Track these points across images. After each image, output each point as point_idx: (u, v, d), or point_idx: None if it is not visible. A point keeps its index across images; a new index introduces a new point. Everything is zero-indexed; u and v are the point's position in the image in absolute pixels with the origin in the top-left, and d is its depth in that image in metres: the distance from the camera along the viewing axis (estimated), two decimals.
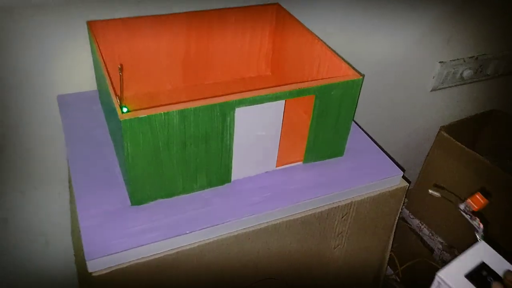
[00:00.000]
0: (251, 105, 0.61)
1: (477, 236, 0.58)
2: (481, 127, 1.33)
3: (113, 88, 0.60)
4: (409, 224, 1.35)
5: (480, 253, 0.54)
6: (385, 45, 1.10)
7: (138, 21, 0.77)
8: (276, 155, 0.70)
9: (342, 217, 0.72)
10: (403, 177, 0.74)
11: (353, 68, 0.67)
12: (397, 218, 0.79)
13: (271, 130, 0.66)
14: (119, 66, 0.55)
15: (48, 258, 1.05)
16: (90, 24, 0.73)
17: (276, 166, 0.71)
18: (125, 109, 0.57)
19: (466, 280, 0.51)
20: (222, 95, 0.60)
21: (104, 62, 0.65)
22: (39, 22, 0.76)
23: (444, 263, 1.24)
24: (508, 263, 0.53)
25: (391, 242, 0.83)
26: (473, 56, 1.22)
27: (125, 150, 0.57)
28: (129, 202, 0.64)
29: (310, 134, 0.69)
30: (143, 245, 0.59)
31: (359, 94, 0.68)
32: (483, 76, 1.27)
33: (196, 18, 0.80)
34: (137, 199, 0.63)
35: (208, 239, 0.63)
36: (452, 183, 1.18)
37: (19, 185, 0.93)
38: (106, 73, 0.62)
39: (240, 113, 0.61)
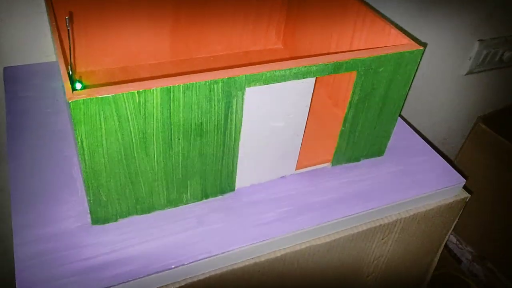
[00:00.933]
0: (268, 83, 0.42)
1: None
2: None
3: (64, 55, 0.40)
4: None
5: None
6: (416, 19, 0.90)
7: None
8: (297, 155, 0.51)
9: (383, 239, 0.54)
10: (464, 186, 0.56)
11: (409, 34, 0.48)
12: (448, 236, 0.61)
13: (293, 120, 0.47)
14: (67, 17, 0.35)
15: (6, 267, 0.86)
16: None
17: (295, 170, 0.52)
18: (78, 85, 0.37)
19: None
20: (225, 68, 0.41)
21: (56, 21, 0.45)
22: None
23: (474, 276, 1.07)
24: None
25: (434, 265, 0.65)
26: None
27: (78, 146, 0.38)
28: (89, 220, 0.45)
29: (345, 127, 0.50)
30: None
31: (415, 73, 0.49)
32: None
33: None
34: (99, 216, 0.44)
35: (202, 275, 0.44)
36: (488, 183, 1.00)
37: None
38: (56, 32, 0.42)
39: (252, 94, 0.42)
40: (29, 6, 0.61)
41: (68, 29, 0.36)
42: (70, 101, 0.35)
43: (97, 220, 0.44)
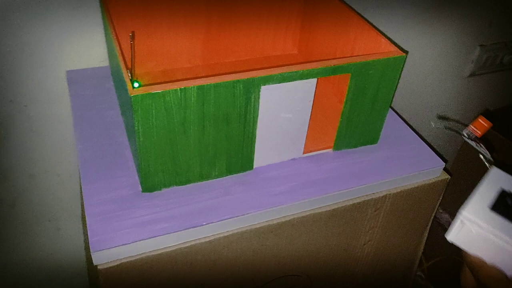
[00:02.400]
0: (278, 83, 0.54)
1: (486, 164, 0.51)
2: None
3: (124, 61, 0.53)
4: (438, 219, 1.27)
5: (496, 180, 0.48)
6: (422, 26, 1.01)
7: None
8: (304, 141, 0.63)
9: (375, 211, 0.65)
10: (444, 169, 0.66)
11: (395, 43, 0.60)
12: (434, 213, 0.71)
13: (299, 112, 0.59)
14: (130, 34, 0.48)
15: (58, 244, 1.00)
16: None
17: (303, 153, 0.64)
18: (136, 84, 0.50)
19: (492, 212, 0.45)
20: (246, 71, 0.53)
21: (116, 33, 0.58)
22: None
23: None
24: None
25: (425, 239, 0.76)
26: None
27: (135, 130, 0.51)
28: (140, 189, 0.58)
29: (343, 118, 0.62)
30: (154, 237, 0.53)
31: (401, 74, 0.60)
32: None
33: None
34: (148, 186, 0.57)
35: (226, 232, 0.56)
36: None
37: (28, 168, 0.88)
38: (117, 44, 0.55)
39: (266, 92, 0.54)
40: (88, 17, 0.75)
41: (131, 43, 0.49)
42: (132, 95, 0.48)
43: (146, 188, 0.57)
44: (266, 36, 0.82)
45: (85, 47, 0.78)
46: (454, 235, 0.47)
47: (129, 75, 0.50)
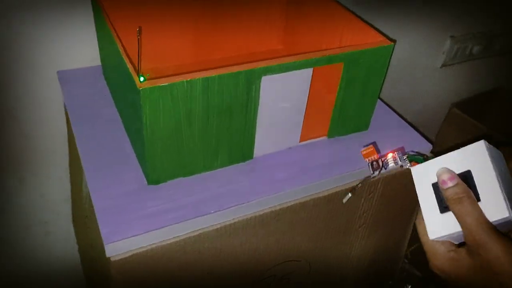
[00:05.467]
0: (278, 73, 0.56)
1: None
2: (489, 104, 1.30)
3: (128, 57, 0.54)
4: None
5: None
6: (395, 19, 1.05)
7: None
8: (300, 129, 0.65)
9: (369, 194, 0.68)
10: (431, 151, 0.70)
11: (383, 34, 0.63)
12: None
13: (296, 101, 0.61)
14: (138, 29, 0.50)
15: (48, 248, 0.99)
16: None
17: (299, 142, 0.67)
18: (142, 78, 0.52)
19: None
20: (243, 63, 0.55)
21: (115, 29, 0.59)
22: None
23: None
24: None
25: (412, 224, 0.79)
26: (482, 31, 1.19)
27: (143, 123, 0.52)
28: (145, 182, 0.59)
29: (336, 106, 0.65)
30: (164, 227, 0.54)
31: (389, 62, 0.63)
32: (491, 52, 1.24)
33: None
34: (154, 178, 0.58)
35: (232, 220, 0.58)
36: None
37: (17, 172, 0.87)
38: (118, 40, 0.57)
39: (266, 82, 0.56)
40: (77, 17, 0.75)
41: (138, 38, 0.50)
42: (140, 88, 0.49)
43: (152, 181, 0.58)
44: (251, 32, 0.84)
45: (75, 47, 0.78)
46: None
47: (137, 69, 0.52)
